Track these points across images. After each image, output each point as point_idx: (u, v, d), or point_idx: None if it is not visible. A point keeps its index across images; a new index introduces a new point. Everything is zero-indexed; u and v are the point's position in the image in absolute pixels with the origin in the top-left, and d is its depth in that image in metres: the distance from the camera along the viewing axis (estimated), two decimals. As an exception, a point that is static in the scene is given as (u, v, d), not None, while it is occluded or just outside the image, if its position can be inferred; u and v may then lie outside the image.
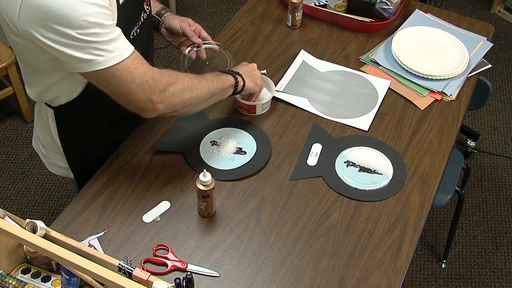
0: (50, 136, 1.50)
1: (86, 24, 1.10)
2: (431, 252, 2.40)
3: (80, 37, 1.11)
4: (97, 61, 1.15)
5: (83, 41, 1.12)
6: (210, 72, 1.44)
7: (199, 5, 3.53)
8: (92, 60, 1.15)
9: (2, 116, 2.92)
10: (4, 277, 1.21)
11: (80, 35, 1.11)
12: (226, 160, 1.52)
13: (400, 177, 1.50)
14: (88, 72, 1.17)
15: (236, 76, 1.47)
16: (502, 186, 2.64)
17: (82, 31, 1.11)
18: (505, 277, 2.32)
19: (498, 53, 3.25)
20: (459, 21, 1.97)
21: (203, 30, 1.65)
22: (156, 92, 1.25)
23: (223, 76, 1.45)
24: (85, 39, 1.12)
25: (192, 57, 1.64)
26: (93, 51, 1.14)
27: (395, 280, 1.30)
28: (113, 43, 1.16)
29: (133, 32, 1.36)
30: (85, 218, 1.39)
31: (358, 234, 1.38)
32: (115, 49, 1.17)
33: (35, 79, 1.36)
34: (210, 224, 1.39)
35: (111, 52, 1.16)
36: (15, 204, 2.56)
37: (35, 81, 1.36)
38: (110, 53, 1.16)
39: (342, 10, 1.92)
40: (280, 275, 1.30)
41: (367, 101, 1.69)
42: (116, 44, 1.17)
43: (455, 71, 1.74)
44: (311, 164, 1.52)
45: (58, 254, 1.04)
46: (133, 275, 1.10)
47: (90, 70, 1.17)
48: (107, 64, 1.16)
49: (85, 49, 1.13)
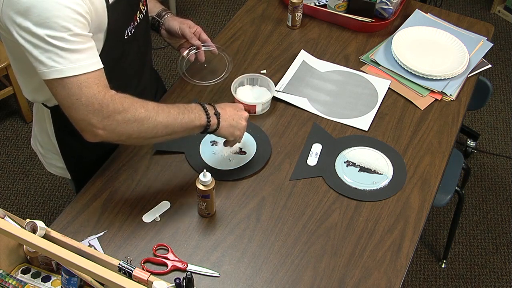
0: (47, 136, 1.50)
1: (55, 26, 1.10)
2: (431, 252, 2.40)
3: (47, 39, 1.11)
4: (55, 69, 1.13)
5: (49, 43, 1.11)
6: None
7: (199, 5, 3.53)
8: (52, 67, 1.13)
9: (2, 116, 2.92)
10: (4, 277, 1.21)
11: (48, 37, 1.10)
12: (226, 160, 1.52)
13: (400, 177, 1.50)
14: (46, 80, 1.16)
15: (209, 117, 1.32)
16: (502, 186, 2.64)
17: (51, 32, 1.10)
18: (505, 277, 2.32)
19: (498, 53, 3.25)
20: (459, 21, 1.97)
21: (203, 32, 1.63)
22: (98, 116, 1.18)
23: (193, 114, 1.30)
24: (51, 42, 1.11)
25: (190, 59, 1.63)
26: (55, 57, 1.12)
27: (395, 280, 1.30)
28: (77, 54, 1.14)
29: (127, 32, 1.35)
30: (85, 218, 1.39)
31: (358, 234, 1.38)
32: (76, 60, 1.14)
33: (25, 77, 1.36)
34: (210, 224, 1.39)
35: (71, 63, 1.14)
36: (15, 204, 2.56)
37: (26, 80, 1.36)
38: (70, 63, 1.14)
39: (342, 10, 1.92)
40: (280, 275, 1.30)
41: (367, 101, 1.69)
42: (79, 56, 1.15)
43: (455, 71, 1.74)
44: (311, 164, 1.52)
45: (58, 254, 1.04)
46: (133, 275, 1.10)
47: (48, 78, 1.15)
48: (62, 75, 1.14)
49: (48, 53, 1.12)
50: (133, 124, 1.22)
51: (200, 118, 1.31)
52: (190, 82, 1.67)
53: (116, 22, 1.24)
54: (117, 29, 1.27)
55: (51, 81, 1.15)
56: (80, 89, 1.15)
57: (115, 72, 1.38)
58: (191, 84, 1.69)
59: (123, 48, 1.38)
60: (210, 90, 1.70)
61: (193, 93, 1.69)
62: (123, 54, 1.39)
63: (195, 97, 1.68)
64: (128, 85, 1.49)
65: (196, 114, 1.31)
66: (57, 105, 1.38)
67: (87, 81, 1.16)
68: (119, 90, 1.24)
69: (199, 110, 1.32)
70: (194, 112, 1.31)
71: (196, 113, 1.31)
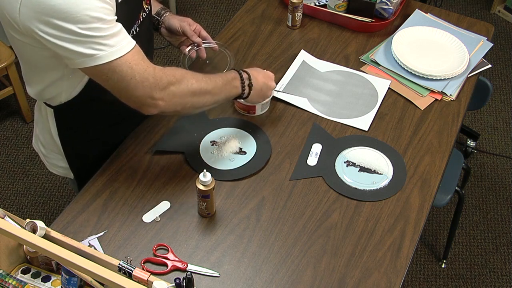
0: (50, 135, 1.50)
1: (87, 18, 1.10)
2: (431, 252, 2.40)
3: (81, 31, 1.11)
4: (98, 56, 1.15)
5: (84, 35, 1.12)
6: (220, 74, 1.43)
7: (199, 5, 3.53)
8: (93, 55, 1.15)
9: (2, 116, 2.92)
10: (4, 277, 1.21)
11: (81, 29, 1.11)
12: (226, 160, 1.52)
13: (400, 177, 1.50)
14: (89, 67, 1.17)
15: (244, 89, 1.45)
16: (502, 186, 2.64)
17: (83, 25, 1.11)
18: (505, 277, 2.32)
19: (498, 53, 3.25)
20: (459, 21, 1.97)
21: (202, 30, 1.65)
22: (157, 89, 1.24)
23: (233, 84, 1.42)
24: (86, 33, 1.12)
25: (192, 56, 1.64)
26: (94, 45, 1.14)
27: (395, 280, 1.30)
28: (114, 37, 1.16)
29: (133, 31, 1.36)
30: (85, 218, 1.39)
31: (358, 234, 1.38)
32: (116, 43, 1.17)
33: (35, 77, 1.36)
34: (210, 224, 1.39)
35: (112, 47, 1.16)
36: (15, 204, 2.56)
37: (35, 79, 1.36)
38: (111, 47, 1.16)
39: (342, 10, 1.92)
40: (280, 275, 1.30)
41: (367, 101, 1.69)
42: (117, 39, 1.17)
43: (455, 71, 1.74)
44: (311, 164, 1.52)
45: (58, 254, 1.04)
46: (133, 275, 1.10)
47: (91, 65, 1.16)
48: (108, 59, 1.16)
49: (86, 44, 1.13)
50: (187, 95, 1.31)
51: (237, 90, 1.44)
52: None
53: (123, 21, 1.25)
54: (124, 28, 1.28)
55: (98, 68, 1.17)
56: (131, 68, 1.19)
57: None
58: None
59: None
60: (210, 90, 1.70)
61: (193, 93, 1.69)
62: None
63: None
64: None
65: (235, 85, 1.43)
66: (61, 104, 1.39)
67: (133, 59, 1.20)
68: None
69: (237, 81, 1.43)
70: (234, 83, 1.43)
71: (235, 83, 1.43)
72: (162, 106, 1.27)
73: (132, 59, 1.19)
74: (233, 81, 1.42)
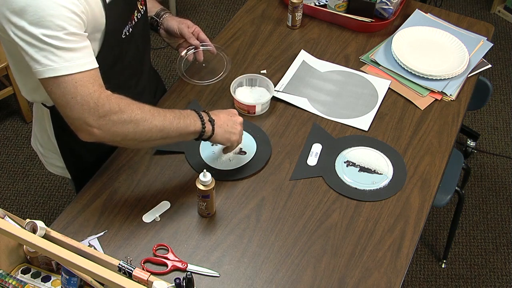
0: (47, 135, 1.50)
1: (51, 25, 1.10)
2: (431, 252, 2.40)
3: (42, 37, 1.11)
4: (50, 67, 1.13)
5: (44, 42, 1.11)
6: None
7: (199, 5, 3.53)
8: (46, 65, 1.13)
9: (2, 116, 2.92)
10: (4, 277, 1.21)
11: (43, 36, 1.10)
12: (226, 160, 1.52)
13: (400, 177, 1.50)
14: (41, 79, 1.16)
15: (204, 123, 1.33)
16: (502, 186, 2.64)
17: (46, 31, 1.10)
18: (505, 277, 2.32)
19: (498, 53, 3.25)
20: (459, 21, 1.97)
21: (201, 32, 1.63)
22: (94, 115, 1.17)
23: (188, 120, 1.30)
24: (46, 41, 1.11)
25: (189, 59, 1.63)
26: (50, 55, 1.12)
27: (395, 280, 1.30)
28: (71, 53, 1.14)
29: (125, 32, 1.35)
30: (85, 218, 1.39)
31: (358, 234, 1.38)
32: (71, 59, 1.14)
33: (23, 77, 1.35)
34: (210, 224, 1.39)
35: (66, 62, 1.14)
36: (15, 204, 2.56)
37: (24, 80, 1.36)
38: (64, 62, 1.13)
39: (342, 10, 1.92)
40: (280, 275, 1.30)
41: (367, 101, 1.69)
42: (74, 55, 1.14)
43: (455, 71, 1.74)
44: (311, 164, 1.52)
45: (58, 254, 1.04)
46: (133, 275, 1.10)
47: (43, 77, 1.14)
48: (57, 73, 1.14)
49: (43, 52, 1.12)
50: (129, 125, 1.22)
51: (195, 124, 1.31)
52: (190, 83, 1.67)
53: (113, 22, 1.24)
54: (114, 29, 1.27)
55: (46, 80, 1.15)
56: (75, 88, 1.15)
57: (114, 71, 1.38)
58: (191, 84, 1.69)
59: (121, 47, 1.38)
60: (210, 90, 1.70)
61: (193, 93, 1.69)
62: (121, 53, 1.39)
63: (195, 97, 1.68)
64: (127, 85, 1.49)
65: (191, 120, 1.31)
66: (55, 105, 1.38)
67: (82, 80, 1.15)
68: (118, 90, 1.23)
69: (194, 117, 1.32)
70: (190, 118, 1.31)
71: (192, 119, 1.31)
72: (98, 135, 1.20)
73: (80, 80, 1.15)
74: (189, 116, 1.31)
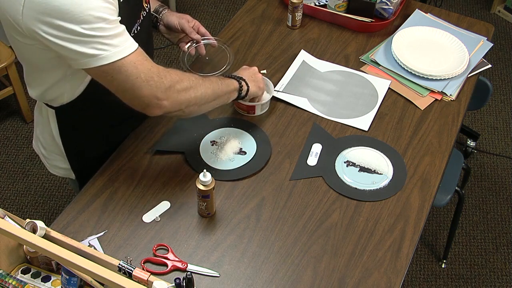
0: (51, 137, 1.50)
1: (90, 18, 1.10)
2: (431, 252, 2.40)
3: (84, 32, 1.11)
4: (102, 56, 1.15)
5: (87, 36, 1.12)
6: (212, 70, 1.44)
7: (199, 5, 3.53)
8: (97, 55, 1.14)
9: (2, 116, 2.92)
10: (4, 277, 1.21)
11: (85, 29, 1.11)
12: (226, 160, 1.52)
13: (400, 177, 1.50)
14: (93, 68, 1.17)
15: (240, 80, 1.48)
16: (502, 186, 2.64)
17: (86, 25, 1.11)
18: (505, 277, 2.32)
19: (498, 53, 3.25)
20: (459, 21, 1.97)
21: (201, 26, 1.65)
22: (161, 88, 1.23)
23: (227, 80, 1.45)
24: (90, 33, 1.12)
25: (191, 53, 1.64)
26: (98, 45, 1.14)
27: (395, 280, 1.30)
28: (118, 38, 1.16)
29: (134, 30, 1.36)
30: (85, 218, 1.39)
31: (358, 234, 1.38)
32: (120, 43, 1.16)
33: (38, 78, 1.36)
34: (210, 224, 1.39)
35: (116, 47, 1.16)
36: (15, 204, 2.56)
37: (38, 80, 1.36)
38: (115, 47, 1.16)
39: (342, 10, 1.92)
40: (280, 275, 1.30)
41: (367, 101, 1.69)
42: (121, 39, 1.17)
43: (455, 71, 1.74)
44: (311, 164, 1.52)
45: (58, 254, 1.04)
46: (133, 275, 1.10)
47: (95, 65, 1.16)
48: (112, 59, 1.16)
49: (90, 44, 1.13)
50: (190, 91, 1.31)
51: (233, 83, 1.46)
52: None
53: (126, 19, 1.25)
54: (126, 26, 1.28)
55: (101, 68, 1.16)
56: (136, 68, 1.19)
57: None
58: None
59: None
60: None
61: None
62: None
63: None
64: None
65: (228, 81, 1.45)
66: (62, 105, 1.39)
67: (138, 59, 1.20)
68: None
69: (228, 79, 1.47)
70: (226, 80, 1.45)
71: (228, 80, 1.45)
72: (167, 106, 1.27)
73: (136, 59, 1.19)
74: (225, 79, 1.45)
